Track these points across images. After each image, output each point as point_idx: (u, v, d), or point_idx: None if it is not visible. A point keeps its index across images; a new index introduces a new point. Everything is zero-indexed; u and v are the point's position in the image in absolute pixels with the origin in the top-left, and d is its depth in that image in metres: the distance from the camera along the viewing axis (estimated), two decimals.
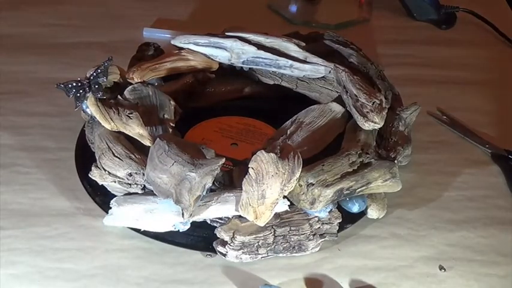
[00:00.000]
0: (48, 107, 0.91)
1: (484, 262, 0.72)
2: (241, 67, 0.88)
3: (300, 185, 0.70)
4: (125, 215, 0.71)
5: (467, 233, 0.75)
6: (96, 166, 0.74)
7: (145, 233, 0.71)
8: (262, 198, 0.68)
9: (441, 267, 0.71)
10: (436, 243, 0.74)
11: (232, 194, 0.70)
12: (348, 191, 0.72)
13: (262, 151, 0.68)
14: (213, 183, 0.70)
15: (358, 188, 0.72)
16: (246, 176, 0.68)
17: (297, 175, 0.69)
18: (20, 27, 1.10)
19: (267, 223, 0.69)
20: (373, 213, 0.75)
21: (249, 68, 0.88)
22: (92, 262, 0.70)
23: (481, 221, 0.77)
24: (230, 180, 0.73)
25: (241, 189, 0.68)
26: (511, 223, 0.77)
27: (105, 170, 0.73)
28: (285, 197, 0.70)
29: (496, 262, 0.72)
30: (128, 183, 0.73)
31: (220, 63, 0.88)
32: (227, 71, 0.90)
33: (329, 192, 0.70)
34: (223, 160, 0.69)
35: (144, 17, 1.13)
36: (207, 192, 0.69)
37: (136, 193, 0.73)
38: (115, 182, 0.73)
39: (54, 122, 0.88)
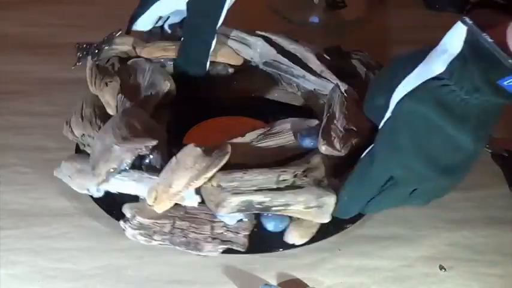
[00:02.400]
0: (48, 107, 0.91)
1: (484, 262, 0.72)
2: (264, 68, 0.88)
3: (212, 185, 0.69)
4: (64, 171, 0.75)
5: (467, 233, 0.75)
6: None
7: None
8: (169, 187, 0.68)
9: (441, 267, 0.71)
10: (436, 243, 0.74)
11: (151, 177, 0.71)
12: (260, 206, 0.68)
13: (192, 144, 0.69)
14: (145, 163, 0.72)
15: (273, 206, 0.68)
16: (168, 163, 0.70)
17: (209, 174, 0.68)
18: (19, 27, 1.09)
19: (169, 212, 0.69)
20: (289, 236, 0.71)
21: (272, 70, 0.88)
22: (92, 262, 0.70)
23: (481, 221, 0.77)
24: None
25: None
26: (511, 223, 0.77)
27: (69, 126, 0.78)
28: (198, 193, 0.70)
29: (496, 262, 0.72)
30: (82, 143, 0.78)
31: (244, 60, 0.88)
32: (251, 69, 0.89)
33: (234, 200, 0.68)
34: (154, 142, 0.70)
35: None
36: (127, 169, 0.70)
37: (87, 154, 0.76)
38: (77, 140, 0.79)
39: (54, 122, 0.88)
